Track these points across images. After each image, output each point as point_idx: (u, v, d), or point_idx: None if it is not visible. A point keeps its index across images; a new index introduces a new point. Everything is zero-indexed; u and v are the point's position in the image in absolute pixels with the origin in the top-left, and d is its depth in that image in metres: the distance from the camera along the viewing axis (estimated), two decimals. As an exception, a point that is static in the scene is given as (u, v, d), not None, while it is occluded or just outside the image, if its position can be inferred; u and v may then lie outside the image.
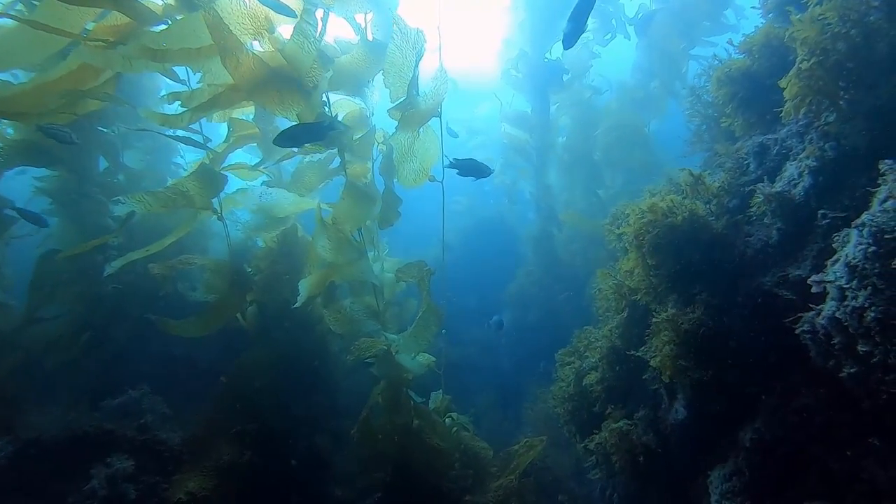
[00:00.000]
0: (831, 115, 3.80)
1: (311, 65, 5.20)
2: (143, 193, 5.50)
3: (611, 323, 5.35)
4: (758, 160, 4.51)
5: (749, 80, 4.87)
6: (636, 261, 4.54)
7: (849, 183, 3.57)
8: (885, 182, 3.01)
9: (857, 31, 3.52)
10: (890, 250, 2.71)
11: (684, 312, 4.17)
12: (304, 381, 6.71)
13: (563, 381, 5.75)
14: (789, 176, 3.96)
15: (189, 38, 4.74)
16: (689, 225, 4.23)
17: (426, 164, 5.87)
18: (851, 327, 2.84)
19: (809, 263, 3.58)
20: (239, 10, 4.96)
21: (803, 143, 4.06)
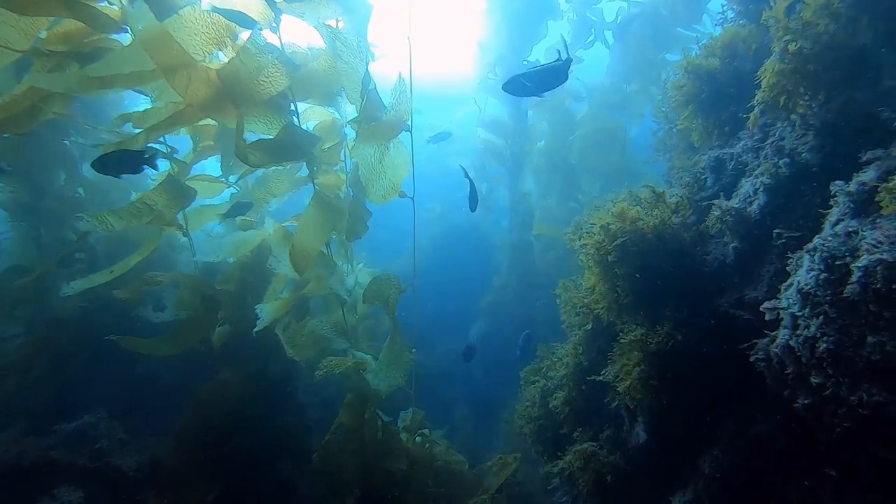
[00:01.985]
0: (786, 129, 3.73)
1: (268, 76, 5.07)
2: (105, 213, 5.32)
3: (574, 338, 5.24)
4: (715, 175, 4.43)
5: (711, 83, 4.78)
6: (598, 276, 4.42)
7: (803, 201, 3.49)
8: (836, 204, 2.92)
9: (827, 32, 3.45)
10: (841, 277, 2.61)
11: (654, 332, 4.03)
12: (272, 403, 6.55)
13: (528, 401, 5.64)
14: (745, 193, 3.88)
15: (141, 59, 4.56)
16: (657, 233, 4.12)
17: (396, 180, 5.71)
18: (804, 357, 2.74)
19: (766, 284, 3.49)
20: (199, 22, 4.85)
21: (758, 159, 3.97)
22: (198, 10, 4.83)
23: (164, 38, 4.58)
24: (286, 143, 5.24)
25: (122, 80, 4.61)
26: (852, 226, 2.71)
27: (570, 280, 5.47)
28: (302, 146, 5.43)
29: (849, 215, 2.79)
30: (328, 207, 5.58)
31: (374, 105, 5.16)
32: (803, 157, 3.51)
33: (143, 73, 4.63)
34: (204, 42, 4.95)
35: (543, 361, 5.90)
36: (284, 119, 5.39)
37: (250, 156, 4.91)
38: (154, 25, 4.52)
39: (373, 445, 5.78)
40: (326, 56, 5.56)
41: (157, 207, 5.52)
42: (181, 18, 4.73)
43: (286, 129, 5.24)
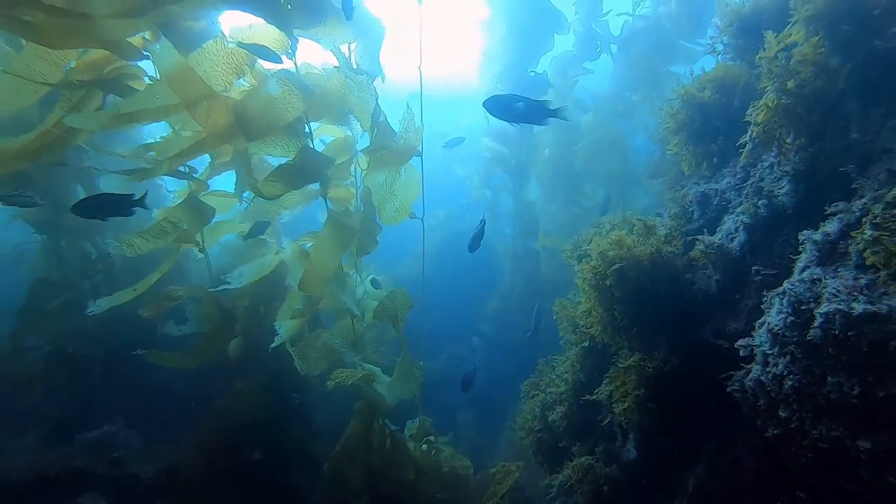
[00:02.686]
0: (765, 170, 4.02)
1: (285, 104, 5.34)
2: (132, 236, 5.63)
3: (572, 355, 5.53)
4: (701, 209, 4.73)
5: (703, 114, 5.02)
6: (595, 300, 4.64)
7: (779, 240, 3.77)
8: (804, 250, 3.21)
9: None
10: (806, 321, 2.89)
11: (651, 357, 4.29)
12: (283, 412, 6.86)
13: (528, 414, 5.93)
14: (727, 229, 4.17)
15: (166, 94, 4.86)
16: (652, 260, 4.34)
17: (407, 202, 6.02)
18: (773, 392, 3.02)
19: (744, 318, 3.77)
20: (220, 53, 5.13)
21: (740, 197, 4.27)
22: (220, 42, 5.09)
23: (188, 73, 4.86)
24: (302, 167, 5.48)
25: (148, 115, 4.91)
26: (817, 273, 2.99)
27: (567, 298, 5.76)
28: (317, 168, 5.69)
29: (814, 263, 3.08)
30: (342, 228, 5.83)
31: (385, 134, 5.46)
32: (779, 200, 3.80)
33: (168, 107, 4.93)
34: (224, 73, 5.24)
35: (543, 376, 6.19)
36: (300, 142, 5.66)
37: (267, 189, 5.20)
38: (178, 63, 4.81)
39: (381, 455, 6.07)
40: (339, 79, 5.82)
41: (182, 226, 5.84)
42: (204, 52, 5.02)
43: (302, 153, 5.50)
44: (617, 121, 13.20)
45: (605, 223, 6.02)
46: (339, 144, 6.51)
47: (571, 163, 13.20)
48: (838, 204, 3.17)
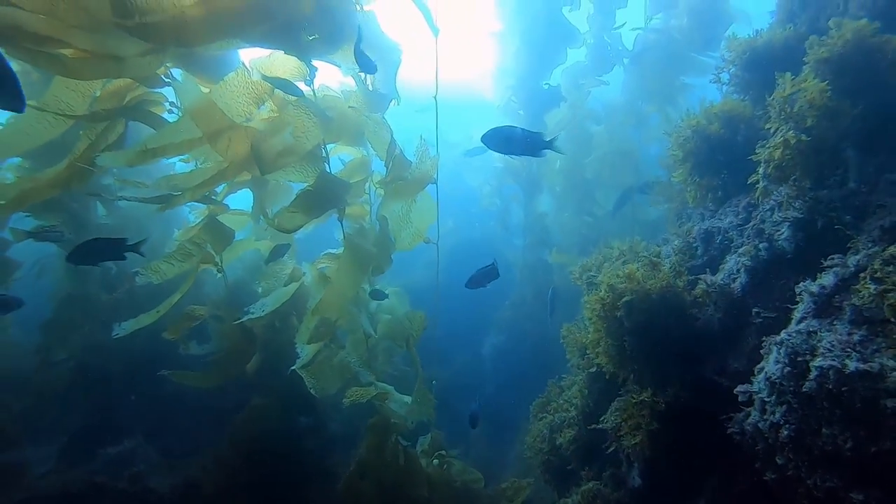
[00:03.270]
0: (766, 212, 4.15)
1: (304, 132, 5.47)
2: (159, 262, 5.82)
3: (579, 380, 5.68)
4: (704, 245, 4.88)
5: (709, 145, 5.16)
6: (603, 331, 4.73)
7: (779, 284, 3.92)
8: (801, 300, 3.34)
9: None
10: (802, 372, 3.04)
11: (664, 392, 4.37)
12: (300, 426, 7.06)
13: (537, 435, 6.08)
14: (729, 269, 4.32)
15: (190, 129, 5.04)
16: (662, 294, 4.43)
17: (422, 228, 6.20)
18: (770, 439, 3.17)
19: (746, 358, 3.91)
20: (241, 84, 5.26)
21: (742, 238, 4.41)
22: (241, 73, 5.25)
23: (210, 107, 5.02)
24: (321, 193, 5.59)
25: (173, 149, 5.10)
26: (813, 325, 3.13)
27: (574, 323, 5.90)
28: (336, 194, 5.80)
29: (811, 314, 3.22)
30: (359, 253, 5.95)
31: (400, 166, 5.62)
32: (780, 245, 3.94)
33: (192, 141, 5.11)
34: (245, 103, 5.38)
35: (551, 397, 6.34)
36: (318, 167, 5.78)
37: (287, 221, 5.36)
38: (201, 98, 4.98)
39: (395, 472, 6.24)
40: (359, 99, 5.91)
41: (207, 248, 6.02)
42: (225, 84, 5.18)
43: (321, 179, 5.62)
44: (629, 131, 13.29)
45: (615, 248, 6.15)
46: (356, 165, 6.64)
47: (583, 172, 13.29)
48: (834, 257, 3.31)
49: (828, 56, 4.04)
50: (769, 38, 5.11)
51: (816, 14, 5.03)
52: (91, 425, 7.33)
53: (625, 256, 5.74)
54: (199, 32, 4.50)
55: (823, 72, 4.00)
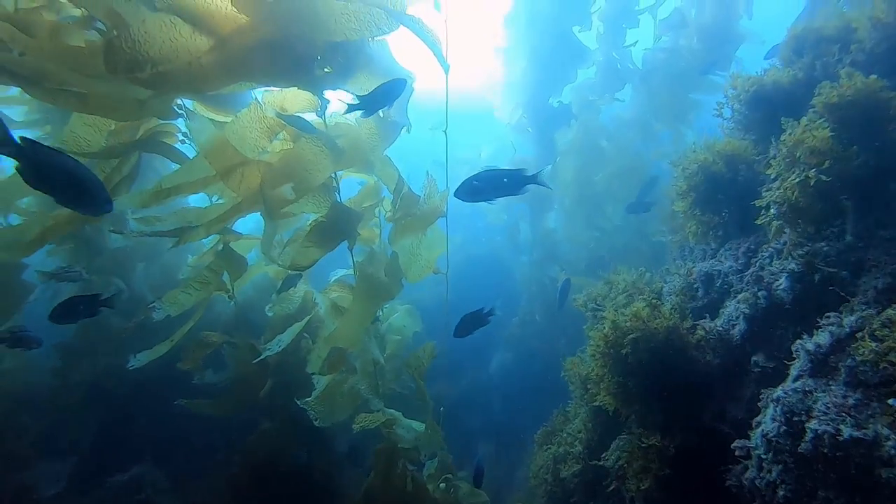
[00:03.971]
0: (765, 259, 4.23)
1: (316, 164, 5.55)
2: (176, 292, 5.92)
3: (583, 413, 5.75)
4: (705, 288, 4.95)
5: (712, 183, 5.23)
6: (607, 368, 4.77)
7: (777, 333, 3.99)
8: (798, 357, 3.41)
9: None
10: (798, 433, 3.11)
11: (671, 437, 4.41)
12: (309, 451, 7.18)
13: (541, 465, 6.17)
14: (729, 314, 4.39)
15: (202, 168, 5.16)
16: (667, 334, 4.48)
17: (431, 259, 6.29)
18: (767, 497, 3.24)
19: (745, 406, 3.98)
20: (255, 119, 5.32)
21: (742, 283, 4.48)
22: (254, 108, 5.33)
23: (223, 145, 5.14)
24: (334, 224, 5.69)
25: (187, 188, 5.23)
26: (809, 385, 3.20)
27: (577, 356, 5.98)
28: (349, 225, 5.87)
29: (807, 373, 3.29)
30: (372, 283, 6.01)
31: (409, 202, 5.72)
32: (778, 294, 4.01)
33: (206, 179, 5.24)
34: (258, 137, 5.47)
35: (556, 427, 6.42)
36: (330, 197, 5.87)
37: (302, 258, 5.47)
38: (215, 136, 5.11)
39: (402, 499, 6.33)
40: (370, 125, 5.96)
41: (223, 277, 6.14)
42: (239, 121, 5.27)
43: (334, 209, 5.71)
44: (638, 146, 13.36)
45: (620, 279, 6.22)
46: (367, 191, 6.73)
47: (593, 187, 13.35)
48: (830, 316, 3.38)
49: (837, 102, 4.10)
50: (775, 79, 5.19)
51: (812, 61, 5.11)
52: (102, 447, 7.47)
53: (628, 291, 5.80)
54: (213, 77, 4.59)
55: (829, 118, 4.06)
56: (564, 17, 12.38)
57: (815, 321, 3.50)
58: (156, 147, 5.70)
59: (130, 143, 5.61)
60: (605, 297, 6.10)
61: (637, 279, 5.98)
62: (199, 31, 4.41)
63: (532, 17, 12.42)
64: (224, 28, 4.45)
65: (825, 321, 3.38)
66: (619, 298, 5.73)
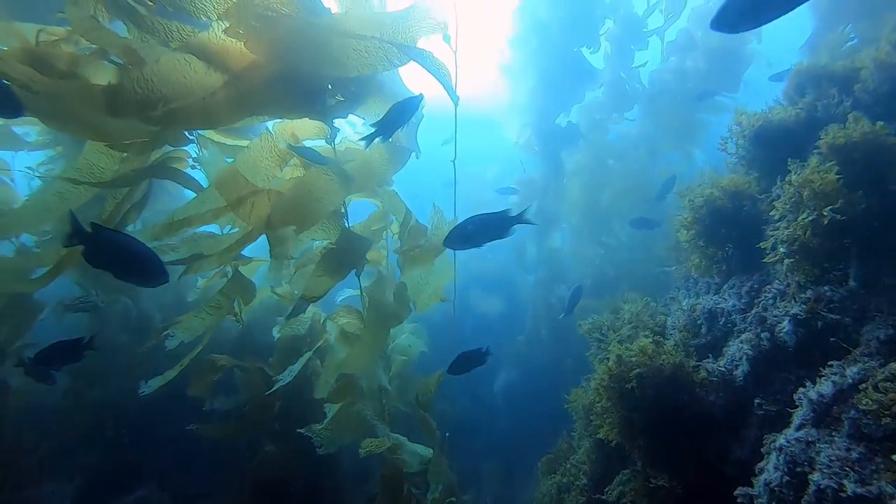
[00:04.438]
0: (769, 300, 4.27)
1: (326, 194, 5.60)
2: (190, 318, 6.00)
3: (586, 444, 5.79)
4: (708, 325, 5.00)
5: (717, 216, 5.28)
6: (611, 403, 4.80)
7: (781, 376, 4.02)
8: (801, 405, 3.45)
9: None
10: (801, 483, 3.14)
11: (678, 474, 4.41)
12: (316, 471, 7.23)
13: (545, 494, 6.20)
14: (731, 355, 4.43)
15: (213, 200, 5.24)
16: (674, 370, 4.52)
17: (439, 287, 6.38)
18: (770, 547, 3.27)
19: (749, 448, 4.01)
20: (265, 148, 5.41)
21: (745, 323, 4.52)
22: (265, 138, 5.41)
23: (234, 176, 5.22)
24: (344, 251, 5.75)
25: (198, 220, 5.30)
26: (812, 435, 3.23)
27: (581, 387, 6.02)
28: (359, 251, 5.89)
29: (809, 422, 3.32)
30: (382, 310, 6.08)
31: (417, 234, 5.80)
32: (781, 337, 4.04)
33: (217, 210, 5.31)
34: (269, 166, 5.56)
35: (560, 453, 6.46)
36: (339, 224, 5.94)
37: (314, 288, 5.53)
38: (226, 168, 5.19)
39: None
40: (380, 150, 6.02)
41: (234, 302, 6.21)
42: (249, 151, 5.35)
43: (343, 236, 5.78)
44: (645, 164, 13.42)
45: (626, 308, 6.26)
46: (376, 216, 6.78)
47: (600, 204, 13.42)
48: (833, 365, 3.42)
49: (843, 144, 4.15)
50: (779, 117, 5.25)
51: (814, 101, 5.16)
52: (107, 468, 7.55)
53: (633, 322, 5.84)
54: (226, 112, 4.66)
55: (835, 160, 4.11)
56: (573, 40, 12.50)
57: (819, 367, 3.54)
58: (167, 173, 5.78)
59: (142, 170, 5.70)
60: (610, 327, 6.15)
61: (642, 310, 6.02)
62: (213, 68, 4.47)
63: (541, 40, 12.57)
64: (237, 65, 4.52)
65: (828, 370, 3.42)
66: (623, 329, 5.77)
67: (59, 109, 4.47)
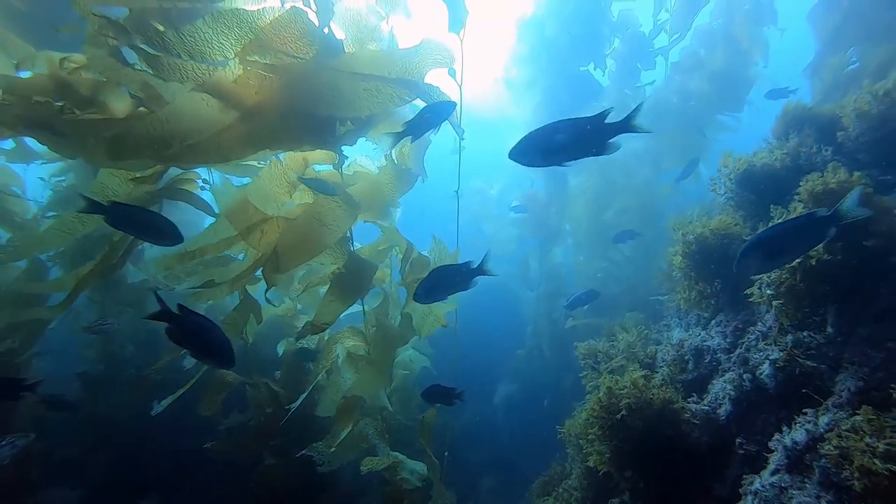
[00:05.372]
0: (752, 341, 4.46)
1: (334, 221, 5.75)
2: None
3: (577, 471, 5.98)
4: (695, 361, 5.22)
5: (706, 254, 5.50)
6: (601, 434, 4.95)
7: (761, 417, 4.21)
8: (776, 450, 3.64)
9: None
10: (773, 527, 3.33)
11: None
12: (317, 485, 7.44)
13: (539, 519, 6.40)
14: (715, 394, 4.64)
15: (225, 230, 5.45)
16: (662, 404, 4.70)
17: (440, 313, 6.59)
18: (745, 586, 3.46)
19: (730, 486, 4.20)
20: (275, 176, 5.61)
21: (729, 363, 4.72)
22: (275, 165, 5.58)
23: (245, 205, 5.43)
24: (351, 276, 5.94)
25: (211, 249, 5.51)
26: (785, 481, 3.43)
27: (572, 418, 6.21)
28: (366, 275, 6.06)
29: (783, 468, 3.52)
30: (388, 334, 6.30)
31: (420, 267, 6.00)
32: (762, 379, 4.24)
33: (229, 240, 5.52)
34: (278, 193, 5.75)
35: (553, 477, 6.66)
36: (346, 249, 6.08)
37: (327, 315, 5.72)
38: (237, 198, 5.40)
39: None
40: (388, 172, 6.29)
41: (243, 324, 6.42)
42: (260, 181, 5.56)
43: (351, 261, 5.97)
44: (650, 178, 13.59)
45: (620, 340, 6.45)
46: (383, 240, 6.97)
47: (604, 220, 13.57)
48: (807, 412, 3.61)
49: (821, 192, 4.35)
50: (764, 161, 5.47)
51: (797, 147, 5.39)
52: (110, 478, 7.76)
53: (626, 353, 6.04)
54: (239, 148, 4.83)
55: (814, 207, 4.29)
56: (580, 58, 12.68)
57: (797, 410, 3.73)
58: (178, 195, 5.99)
59: (155, 192, 5.92)
60: (605, 355, 6.34)
61: (635, 340, 6.21)
62: (228, 106, 4.67)
63: (549, 58, 12.75)
64: (251, 102, 4.71)
65: (802, 418, 3.61)
66: (616, 360, 5.97)
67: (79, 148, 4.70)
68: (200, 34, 4.52)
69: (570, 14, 12.64)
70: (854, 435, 3.12)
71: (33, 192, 8.17)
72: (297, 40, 4.79)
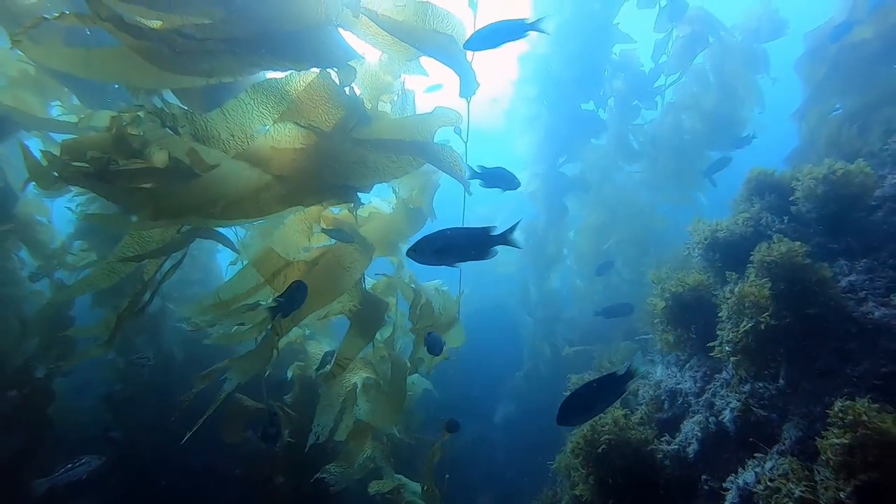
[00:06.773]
0: (717, 388, 5.10)
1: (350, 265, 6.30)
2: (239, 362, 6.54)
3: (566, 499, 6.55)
4: (669, 402, 5.86)
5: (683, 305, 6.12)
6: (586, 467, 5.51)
7: (724, 457, 4.83)
8: (730, 490, 4.27)
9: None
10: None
11: None
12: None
13: (533, 540, 7.00)
14: (685, 434, 5.27)
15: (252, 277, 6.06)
16: (639, 443, 5.28)
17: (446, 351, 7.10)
18: None
19: (696, 520, 4.83)
20: (298, 222, 6.19)
21: (698, 405, 5.36)
22: (298, 215, 6.15)
23: (270, 254, 6.00)
24: (367, 311, 6.46)
25: (242, 297, 6.09)
26: (737, 517, 4.06)
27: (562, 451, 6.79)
28: (380, 313, 6.58)
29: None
30: (401, 367, 6.89)
31: (427, 314, 6.62)
32: (724, 423, 4.88)
33: (256, 287, 6.11)
34: (299, 237, 6.31)
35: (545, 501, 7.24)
36: (360, 288, 6.61)
37: (350, 351, 6.32)
38: (263, 248, 6.00)
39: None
40: (399, 213, 6.87)
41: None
42: (283, 230, 6.16)
43: (364, 299, 6.51)
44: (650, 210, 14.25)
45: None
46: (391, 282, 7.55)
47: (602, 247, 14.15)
48: (757, 456, 4.24)
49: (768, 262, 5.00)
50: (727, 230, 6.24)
51: (758, 214, 6.16)
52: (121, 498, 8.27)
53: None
54: (274, 206, 5.39)
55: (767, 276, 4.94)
56: (582, 95, 13.29)
57: (751, 454, 4.36)
58: (207, 234, 6.53)
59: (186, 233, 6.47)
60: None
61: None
62: (264, 170, 5.27)
63: (551, 96, 13.36)
64: (286, 167, 5.33)
65: (752, 461, 4.24)
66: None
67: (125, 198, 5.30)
68: (243, 106, 5.17)
69: (574, 53, 13.28)
70: (783, 480, 3.75)
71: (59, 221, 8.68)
72: (326, 102, 5.44)
